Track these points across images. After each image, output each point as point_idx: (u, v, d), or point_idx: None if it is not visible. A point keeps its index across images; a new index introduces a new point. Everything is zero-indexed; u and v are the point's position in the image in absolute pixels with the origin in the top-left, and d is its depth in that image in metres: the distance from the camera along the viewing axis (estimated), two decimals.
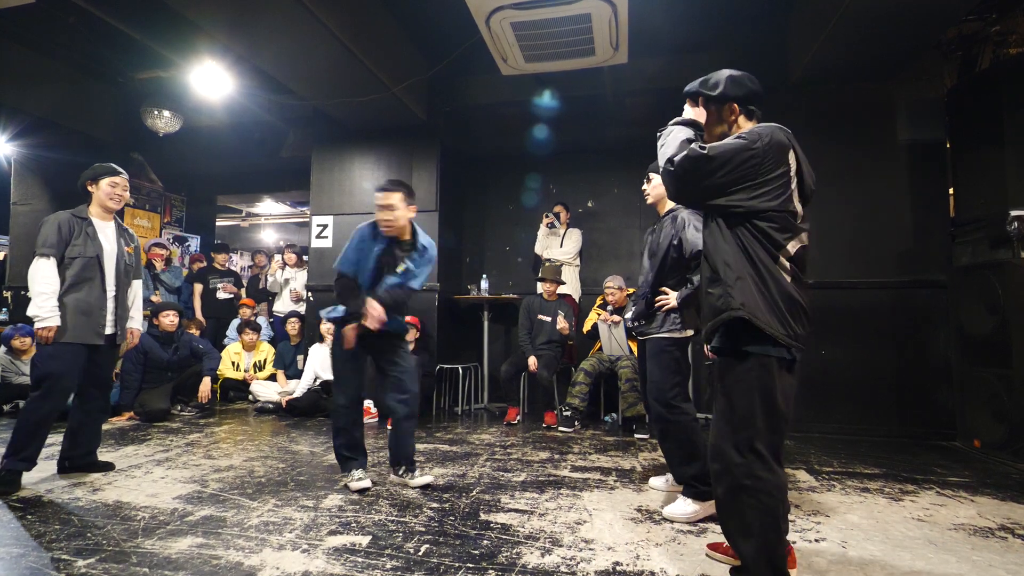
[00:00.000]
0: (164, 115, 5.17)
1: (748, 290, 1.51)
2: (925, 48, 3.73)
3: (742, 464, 1.49)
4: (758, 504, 1.47)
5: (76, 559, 1.80)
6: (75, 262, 2.60)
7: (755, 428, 1.49)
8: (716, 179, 1.50)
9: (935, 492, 2.62)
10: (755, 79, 1.66)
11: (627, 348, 4.10)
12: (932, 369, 3.80)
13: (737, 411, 1.52)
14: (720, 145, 1.50)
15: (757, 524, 1.46)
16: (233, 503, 2.35)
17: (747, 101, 1.63)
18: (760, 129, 1.53)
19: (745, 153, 1.48)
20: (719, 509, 1.58)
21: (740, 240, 1.54)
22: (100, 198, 2.71)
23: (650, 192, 2.52)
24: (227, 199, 8.80)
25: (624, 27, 3.42)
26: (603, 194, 5.43)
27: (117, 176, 2.74)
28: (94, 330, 2.62)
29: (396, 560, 1.81)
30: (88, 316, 2.60)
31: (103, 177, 2.71)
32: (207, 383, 4.46)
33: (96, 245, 2.65)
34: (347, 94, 4.28)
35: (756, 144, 1.48)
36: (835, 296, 3.93)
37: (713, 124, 1.67)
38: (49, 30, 4.48)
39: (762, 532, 1.46)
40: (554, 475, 2.84)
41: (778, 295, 1.51)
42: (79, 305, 2.58)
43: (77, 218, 2.65)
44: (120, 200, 2.77)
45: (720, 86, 1.62)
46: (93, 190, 2.71)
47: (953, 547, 1.98)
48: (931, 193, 3.90)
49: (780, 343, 1.49)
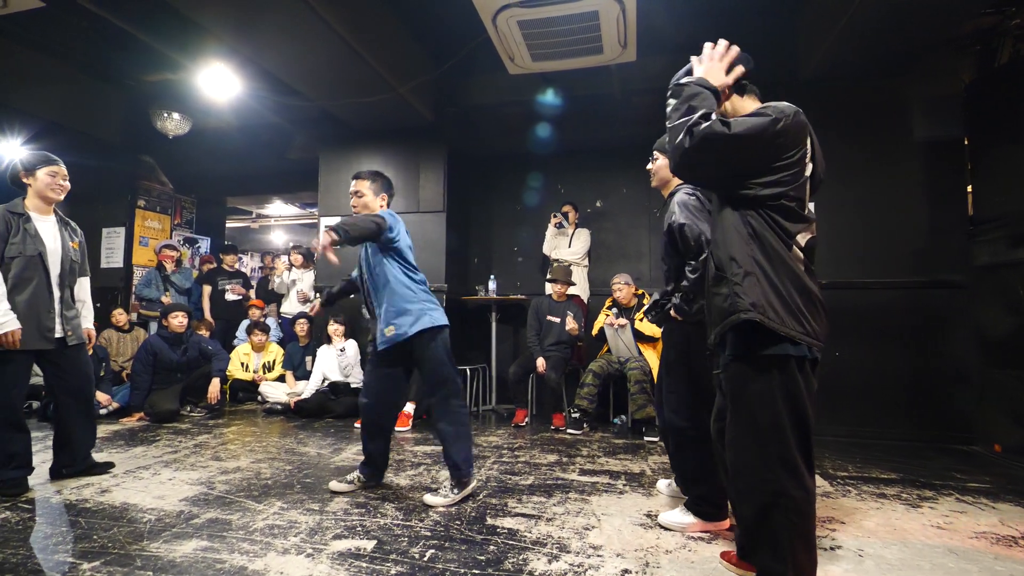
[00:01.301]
0: (173, 117, 5.20)
1: (758, 287, 1.41)
2: (941, 43, 3.64)
3: (772, 481, 1.37)
4: (789, 524, 1.36)
5: (81, 562, 1.79)
6: (14, 262, 2.41)
7: (783, 440, 1.38)
8: (736, 160, 1.40)
9: (954, 498, 2.55)
10: (749, 58, 1.59)
11: (636, 350, 4.05)
12: (949, 371, 3.71)
13: (761, 423, 1.40)
14: (745, 123, 1.38)
15: (788, 545, 1.36)
16: (239, 505, 2.34)
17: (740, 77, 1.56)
18: (782, 105, 1.44)
19: (771, 130, 1.38)
20: (746, 530, 1.46)
21: (751, 228, 1.44)
22: (39, 189, 2.50)
23: (655, 172, 2.33)
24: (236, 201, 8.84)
25: (632, 24, 3.37)
26: (611, 194, 5.38)
27: (56, 165, 2.55)
28: (41, 334, 2.46)
29: (401, 566, 1.79)
30: (33, 320, 2.43)
31: (40, 167, 2.51)
32: (216, 384, 4.47)
33: (37, 242, 2.47)
34: (353, 95, 4.27)
35: (780, 122, 1.39)
36: (848, 297, 3.85)
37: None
38: (59, 33, 4.51)
39: (793, 553, 1.36)
40: (562, 479, 2.80)
41: (793, 288, 1.41)
42: (21, 308, 2.40)
43: (12, 214, 2.44)
44: (62, 190, 2.57)
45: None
46: (30, 182, 2.51)
47: (975, 556, 1.91)
48: (948, 191, 3.81)
49: (798, 342, 1.39)
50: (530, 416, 4.43)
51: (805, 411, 1.40)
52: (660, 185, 2.35)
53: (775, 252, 1.42)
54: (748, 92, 1.60)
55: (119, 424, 4.07)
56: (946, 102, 3.83)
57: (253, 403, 5.12)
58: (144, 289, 5.62)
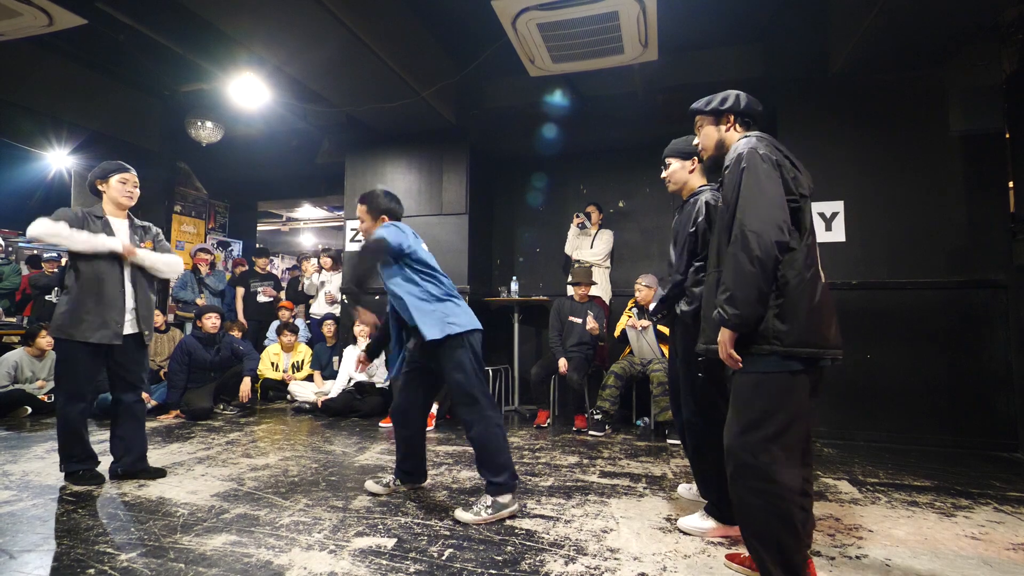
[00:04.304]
0: (207, 126, 5.40)
1: (773, 307, 1.50)
2: (981, 31, 3.48)
3: (756, 467, 1.46)
4: (771, 508, 1.44)
5: (119, 553, 1.89)
6: (90, 261, 2.54)
7: (771, 427, 1.46)
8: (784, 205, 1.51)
9: (992, 508, 2.45)
10: (757, 102, 1.80)
11: (659, 351, 4.01)
12: (990, 375, 3.55)
13: (753, 409, 1.48)
14: (767, 193, 1.49)
15: (772, 528, 1.44)
16: (267, 502, 2.42)
17: (744, 114, 1.76)
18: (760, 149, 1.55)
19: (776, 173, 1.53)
20: (736, 512, 1.54)
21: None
22: (112, 195, 2.67)
23: (670, 179, 2.33)
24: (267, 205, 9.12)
25: (653, 23, 3.34)
26: (635, 194, 5.34)
27: (127, 172, 2.71)
28: (112, 330, 2.57)
29: (420, 564, 1.82)
30: (102, 316, 2.55)
31: (112, 174, 2.68)
32: (247, 383, 4.63)
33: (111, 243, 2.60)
34: (378, 100, 4.36)
35: (771, 162, 1.53)
36: (882, 297, 3.73)
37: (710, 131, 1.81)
38: (101, 48, 4.76)
39: (776, 537, 1.44)
40: (582, 480, 2.80)
41: (808, 302, 1.48)
42: (92, 305, 2.53)
43: (92, 216, 2.59)
44: (132, 196, 2.71)
45: (715, 100, 1.80)
46: (104, 188, 2.68)
47: (1011, 570, 1.83)
48: (988, 186, 3.65)
49: (808, 357, 1.47)
50: (552, 417, 4.43)
51: (799, 401, 1.48)
52: (677, 189, 2.34)
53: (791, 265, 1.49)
54: (749, 127, 1.76)
55: (156, 421, 4.25)
56: (986, 93, 3.66)
57: (283, 401, 5.27)
58: (180, 291, 5.85)
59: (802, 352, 1.46)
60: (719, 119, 1.78)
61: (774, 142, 1.60)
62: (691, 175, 2.29)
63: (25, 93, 4.80)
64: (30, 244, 7.65)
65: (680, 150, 2.29)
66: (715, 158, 1.82)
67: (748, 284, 1.44)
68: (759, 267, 1.43)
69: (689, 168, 2.28)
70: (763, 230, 1.43)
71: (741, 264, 1.45)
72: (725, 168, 1.67)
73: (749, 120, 1.76)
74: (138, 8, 3.72)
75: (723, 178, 1.68)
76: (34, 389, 4.47)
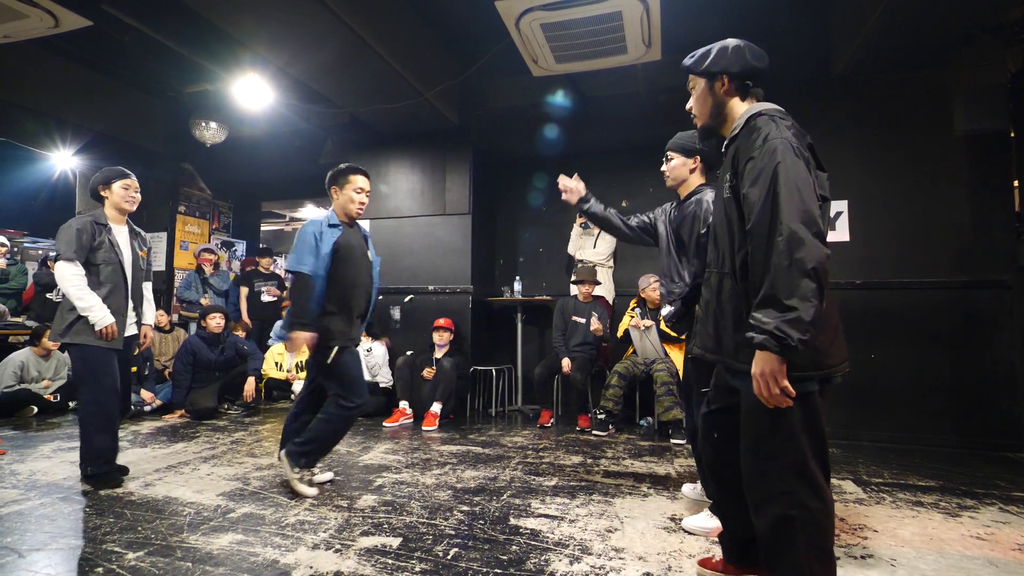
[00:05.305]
0: (211, 126, 5.41)
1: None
2: (985, 31, 3.48)
3: (788, 493, 1.33)
4: (807, 538, 1.32)
5: (126, 552, 1.90)
6: (104, 268, 2.62)
7: (800, 450, 1.33)
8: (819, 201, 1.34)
9: (998, 508, 2.44)
10: (761, 55, 1.51)
11: (662, 351, 4.01)
12: (995, 375, 3.54)
13: (779, 432, 1.35)
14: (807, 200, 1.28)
15: (806, 560, 1.32)
16: (272, 501, 2.43)
17: (743, 76, 1.50)
18: (794, 142, 1.34)
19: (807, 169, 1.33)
20: (763, 543, 1.41)
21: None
22: (115, 201, 2.71)
23: (669, 173, 2.30)
24: (271, 205, 9.14)
25: (656, 23, 3.35)
26: (637, 194, 5.33)
27: (128, 178, 2.75)
28: (121, 334, 2.66)
29: (425, 563, 1.83)
30: (117, 319, 2.62)
31: (115, 180, 2.72)
32: (252, 383, 4.64)
33: (118, 250, 2.68)
34: (381, 101, 4.37)
35: (805, 157, 1.35)
36: (886, 297, 3.73)
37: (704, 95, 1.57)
38: (105, 49, 4.77)
39: (811, 569, 1.32)
40: (586, 480, 2.81)
41: (828, 314, 1.35)
42: (111, 310, 2.60)
43: (97, 224, 2.65)
44: (134, 202, 2.76)
45: (710, 57, 1.53)
46: (107, 194, 2.72)
47: (1017, 570, 1.83)
48: (992, 186, 3.64)
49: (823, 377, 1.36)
50: (555, 417, 4.44)
51: (821, 421, 1.36)
52: (676, 185, 2.33)
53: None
54: (750, 95, 1.53)
55: (162, 421, 4.26)
56: (990, 93, 3.66)
57: (287, 401, 5.28)
58: (184, 291, 5.87)
59: (835, 372, 1.36)
60: (713, 81, 1.53)
61: (798, 129, 1.39)
62: (692, 174, 2.29)
63: (30, 94, 4.82)
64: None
65: (684, 146, 2.27)
66: (710, 127, 1.60)
67: (812, 303, 1.22)
68: (818, 281, 1.23)
69: (691, 166, 2.28)
70: (813, 242, 1.24)
71: (798, 278, 1.22)
72: (729, 143, 1.48)
73: (750, 82, 1.52)
74: (142, 10, 3.73)
75: (731, 160, 1.46)
76: (40, 389, 4.49)
